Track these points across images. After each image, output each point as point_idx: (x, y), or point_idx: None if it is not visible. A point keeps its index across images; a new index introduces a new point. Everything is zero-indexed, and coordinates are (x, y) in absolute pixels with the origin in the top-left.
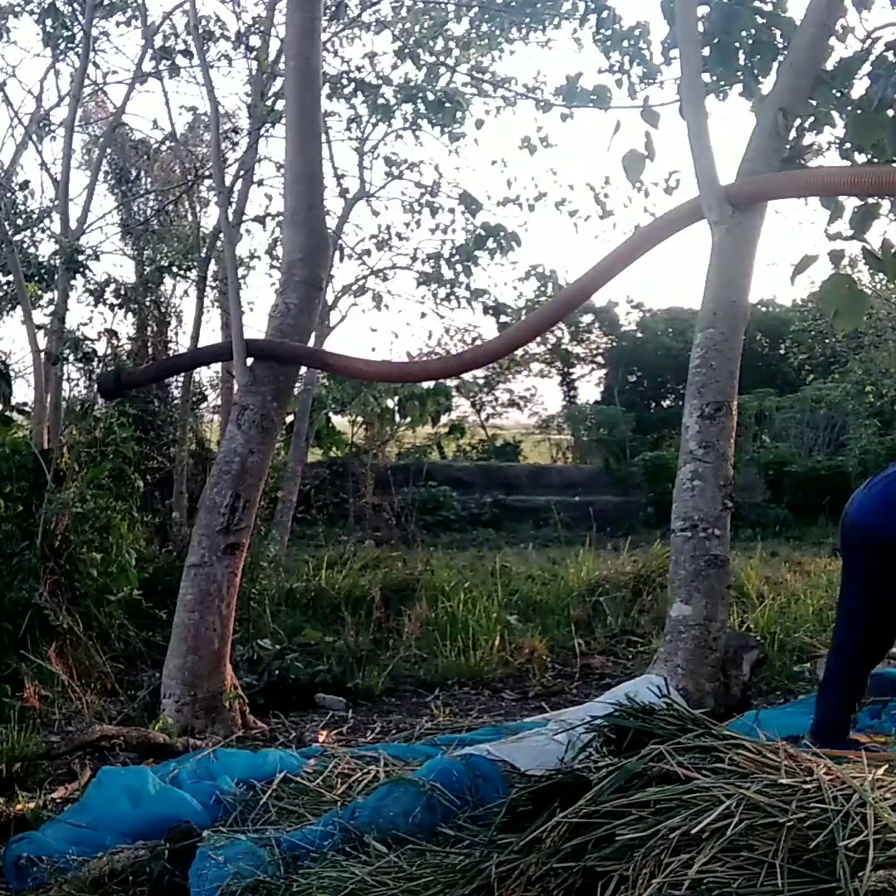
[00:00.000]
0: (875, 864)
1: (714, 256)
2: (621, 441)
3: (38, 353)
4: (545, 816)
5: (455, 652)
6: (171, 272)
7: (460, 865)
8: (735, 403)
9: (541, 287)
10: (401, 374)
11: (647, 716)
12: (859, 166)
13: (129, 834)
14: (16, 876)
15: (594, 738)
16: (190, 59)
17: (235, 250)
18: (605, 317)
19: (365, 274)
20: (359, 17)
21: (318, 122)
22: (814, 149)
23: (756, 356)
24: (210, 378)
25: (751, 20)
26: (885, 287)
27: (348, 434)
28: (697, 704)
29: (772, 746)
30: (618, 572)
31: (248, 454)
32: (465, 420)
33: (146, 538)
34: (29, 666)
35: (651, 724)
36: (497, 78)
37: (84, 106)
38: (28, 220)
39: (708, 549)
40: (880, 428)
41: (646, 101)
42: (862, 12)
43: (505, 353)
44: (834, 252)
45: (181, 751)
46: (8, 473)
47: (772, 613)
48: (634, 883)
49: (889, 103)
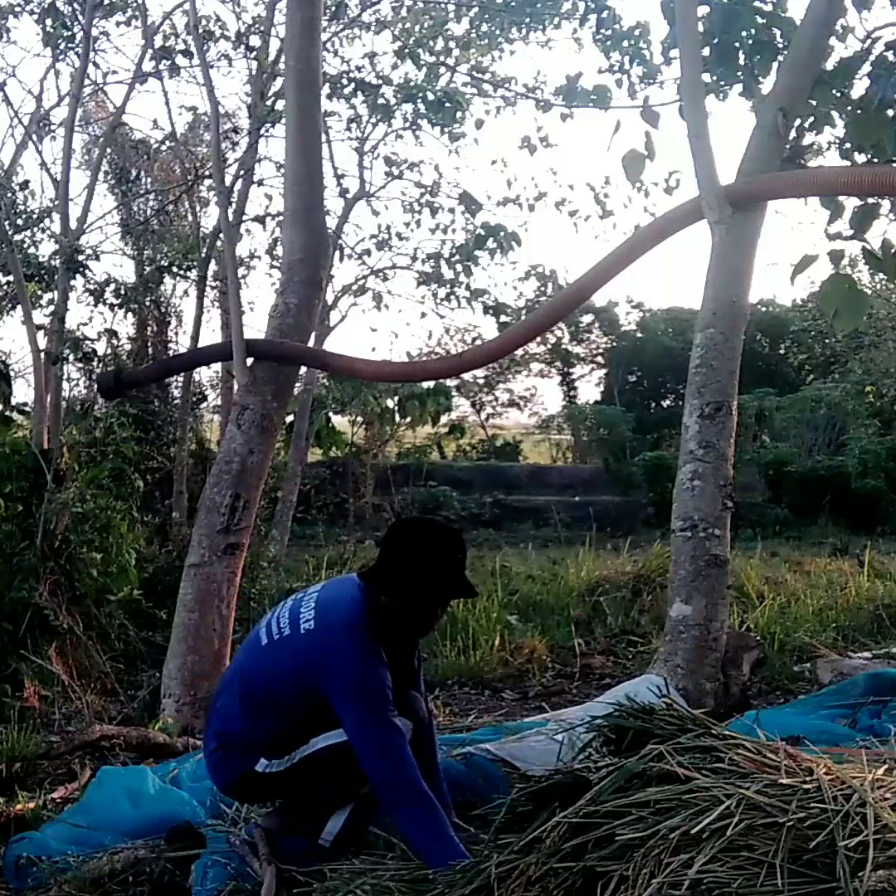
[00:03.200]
0: (875, 864)
1: (714, 256)
2: (621, 441)
3: (38, 353)
4: (545, 816)
5: (455, 652)
6: (171, 272)
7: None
8: (735, 403)
9: (541, 287)
10: (401, 374)
11: (646, 716)
12: (859, 166)
13: (129, 834)
14: (16, 876)
15: (594, 739)
16: (190, 59)
17: (235, 250)
18: (605, 317)
19: (365, 274)
20: (359, 17)
21: (318, 122)
22: (814, 149)
23: (756, 356)
24: (210, 378)
25: (751, 20)
26: (885, 287)
27: (348, 434)
28: (697, 704)
29: (772, 746)
30: (618, 572)
31: (248, 454)
32: (465, 420)
33: (146, 538)
34: (29, 666)
35: (651, 724)
36: (497, 78)
37: (84, 106)
38: (28, 220)
39: (708, 549)
40: (880, 428)
41: (646, 101)
42: (862, 12)
43: (505, 353)
44: (834, 252)
45: (181, 751)
46: (8, 473)
47: (772, 613)
48: (634, 883)
49: (889, 103)
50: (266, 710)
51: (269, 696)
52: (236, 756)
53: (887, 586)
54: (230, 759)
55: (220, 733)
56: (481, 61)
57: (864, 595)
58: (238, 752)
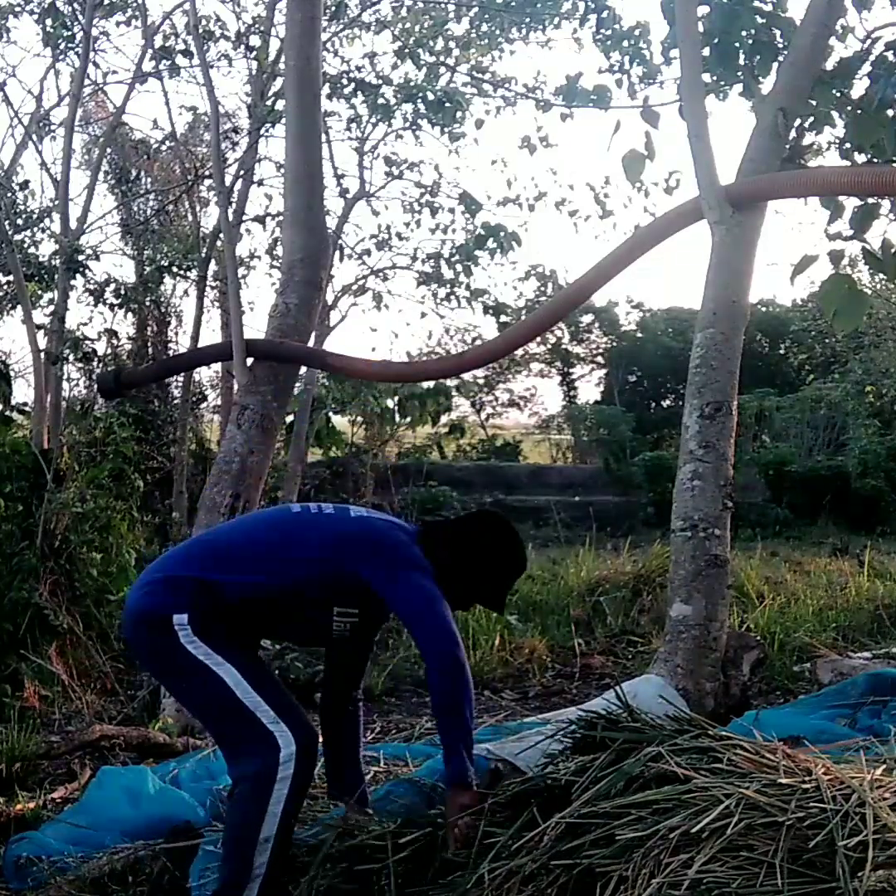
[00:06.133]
0: (874, 864)
1: (714, 256)
2: (621, 441)
3: (38, 353)
4: (523, 819)
5: None
6: (171, 272)
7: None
8: (735, 403)
9: (541, 287)
10: (401, 374)
11: (610, 724)
12: (859, 166)
13: (129, 834)
14: (16, 876)
15: (566, 746)
16: (190, 59)
17: (235, 250)
18: (605, 317)
19: (365, 274)
20: (359, 17)
21: (318, 122)
22: (814, 149)
23: (756, 356)
24: (210, 378)
25: (751, 20)
26: (885, 287)
27: (348, 434)
28: (697, 704)
29: (770, 747)
30: (618, 572)
31: (248, 454)
32: (465, 420)
33: (146, 538)
34: (29, 666)
35: (616, 731)
36: (497, 78)
37: (84, 106)
38: (28, 220)
39: (708, 549)
40: (880, 428)
41: (646, 101)
42: (862, 12)
43: (505, 353)
44: (834, 252)
45: (181, 751)
46: (8, 473)
47: (772, 613)
48: (634, 883)
49: (889, 103)
50: (261, 566)
51: (278, 555)
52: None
53: (887, 586)
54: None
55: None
56: (481, 61)
57: (864, 595)
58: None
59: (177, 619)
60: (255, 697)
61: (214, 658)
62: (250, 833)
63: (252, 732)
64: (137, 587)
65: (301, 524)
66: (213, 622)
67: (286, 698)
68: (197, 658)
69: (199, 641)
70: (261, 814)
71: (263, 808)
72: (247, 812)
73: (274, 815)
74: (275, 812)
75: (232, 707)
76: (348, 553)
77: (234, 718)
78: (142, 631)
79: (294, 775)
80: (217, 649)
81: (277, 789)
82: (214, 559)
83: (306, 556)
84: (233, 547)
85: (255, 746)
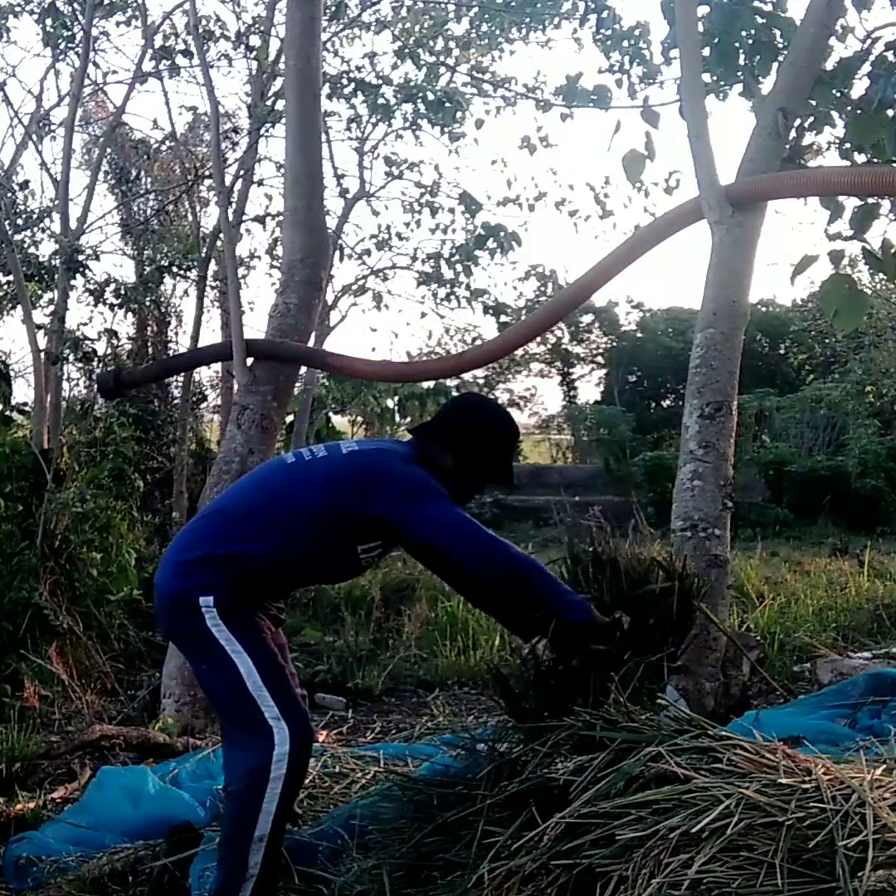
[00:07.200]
0: (874, 864)
1: (714, 256)
2: (621, 441)
3: (38, 353)
4: (523, 819)
5: (455, 652)
6: (171, 272)
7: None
8: (735, 403)
9: (541, 287)
10: (401, 374)
11: (608, 724)
12: (859, 166)
13: (129, 834)
14: (16, 876)
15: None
16: (190, 59)
17: (235, 250)
18: (605, 317)
19: (365, 274)
20: (359, 17)
21: (318, 122)
22: (814, 149)
23: (756, 356)
24: (210, 378)
25: (751, 20)
26: (885, 287)
27: (348, 434)
28: (697, 704)
29: (770, 747)
30: None
31: (248, 454)
32: None
33: (146, 538)
34: (29, 666)
35: (615, 731)
36: (497, 78)
37: (84, 106)
38: (28, 220)
39: (708, 549)
40: (880, 428)
41: (646, 101)
42: (862, 12)
43: (505, 353)
44: (834, 252)
45: (181, 751)
46: (8, 473)
47: (772, 613)
48: (634, 883)
49: (889, 103)
50: (275, 529)
51: (286, 514)
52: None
53: (887, 586)
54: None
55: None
56: (481, 61)
57: (864, 595)
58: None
59: (203, 601)
60: (263, 691)
61: (234, 645)
62: (245, 832)
63: (253, 725)
64: (167, 567)
65: (299, 475)
66: (240, 602)
67: (292, 697)
68: (219, 642)
69: (223, 625)
70: (255, 812)
71: (258, 807)
72: (242, 810)
73: (268, 814)
74: (269, 810)
75: (240, 696)
76: (351, 497)
77: (240, 707)
78: (170, 613)
79: (287, 774)
80: (238, 636)
81: (271, 788)
82: (229, 532)
83: (310, 515)
84: (245, 515)
85: (253, 740)
